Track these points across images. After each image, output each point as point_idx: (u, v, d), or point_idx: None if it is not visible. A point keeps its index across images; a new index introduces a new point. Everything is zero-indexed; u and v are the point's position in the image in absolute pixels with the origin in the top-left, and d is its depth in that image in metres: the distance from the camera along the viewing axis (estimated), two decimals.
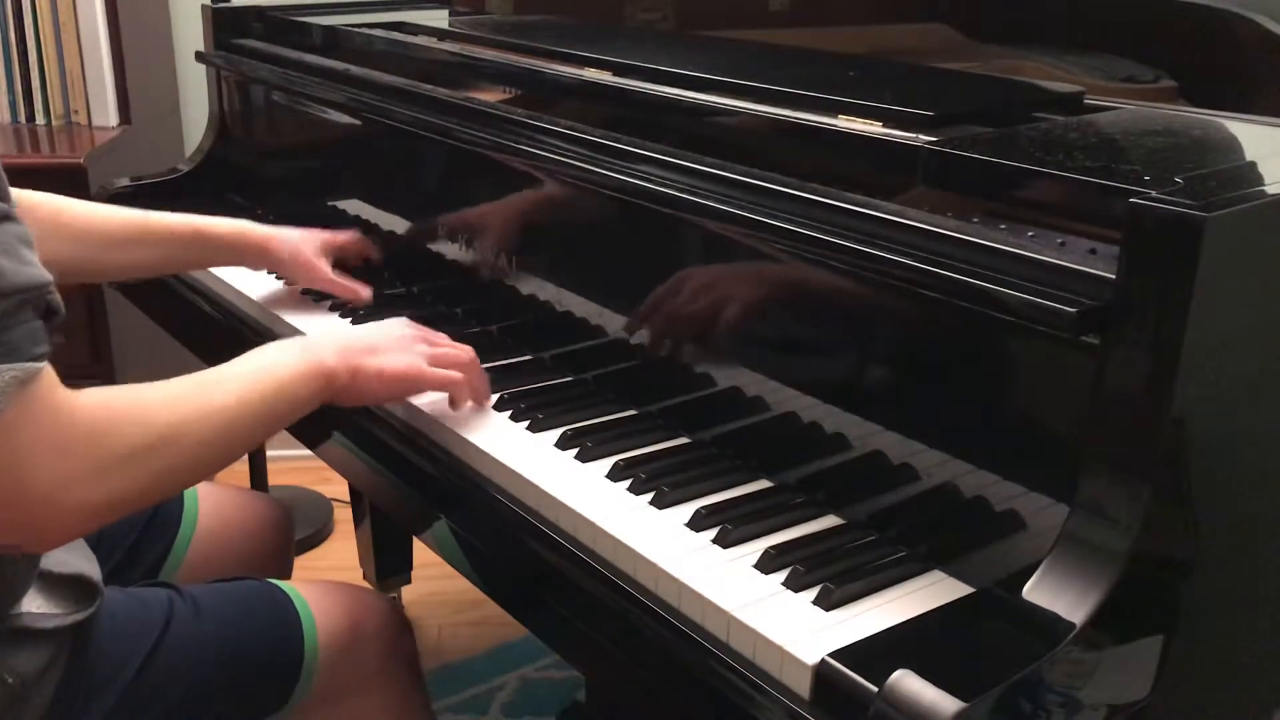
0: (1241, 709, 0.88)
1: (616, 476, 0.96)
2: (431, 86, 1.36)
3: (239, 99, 1.78)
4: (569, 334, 1.16)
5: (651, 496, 0.93)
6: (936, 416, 0.86)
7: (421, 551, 1.99)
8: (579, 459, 0.99)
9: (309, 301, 1.38)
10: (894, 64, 1.27)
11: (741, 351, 1.00)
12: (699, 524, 0.89)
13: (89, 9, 2.07)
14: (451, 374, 1.05)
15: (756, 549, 0.85)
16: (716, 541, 0.87)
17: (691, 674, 0.79)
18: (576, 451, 1.00)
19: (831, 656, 0.72)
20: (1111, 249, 0.72)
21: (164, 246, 1.31)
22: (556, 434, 1.03)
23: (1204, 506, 0.75)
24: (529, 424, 1.05)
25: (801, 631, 0.76)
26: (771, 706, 0.74)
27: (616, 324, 1.11)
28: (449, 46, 1.51)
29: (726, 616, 0.78)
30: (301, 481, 2.45)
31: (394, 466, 1.10)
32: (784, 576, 0.82)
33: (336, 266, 1.37)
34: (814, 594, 0.80)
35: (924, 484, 0.87)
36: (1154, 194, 0.69)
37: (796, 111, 1.02)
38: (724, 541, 0.87)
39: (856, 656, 0.72)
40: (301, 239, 1.35)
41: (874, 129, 0.95)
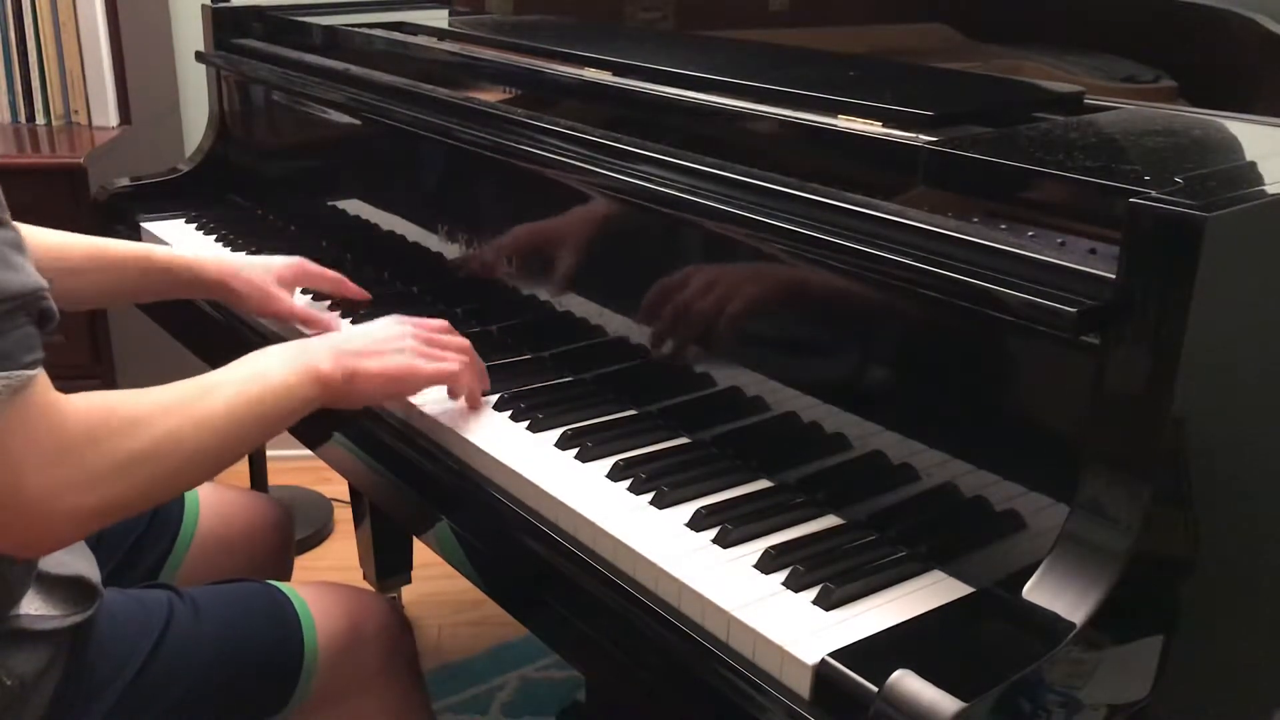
0: (1241, 709, 0.88)
1: (617, 476, 0.96)
2: (431, 86, 1.36)
3: (239, 99, 1.78)
4: (569, 334, 1.16)
5: (651, 496, 0.93)
6: (936, 416, 0.86)
7: (421, 551, 1.98)
8: (579, 459, 0.99)
9: (309, 302, 1.38)
10: (894, 64, 1.27)
11: (741, 351, 1.00)
12: (699, 524, 0.89)
13: (89, 9, 2.07)
14: (446, 366, 1.05)
15: (756, 549, 0.85)
16: (716, 541, 0.87)
17: (691, 674, 0.79)
18: (577, 451, 1.00)
19: (831, 656, 0.72)
20: (1111, 249, 0.72)
21: (115, 272, 1.25)
22: (556, 434, 1.03)
23: (1204, 506, 0.75)
24: (529, 424, 1.05)
25: (801, 631, 0.76)
26: (771, 706, 0.74)
27: (616, 324, 1.11)
28: (449, 46, 1.51)
29: (726, 616, 0.78)
30: (301, 481, 2.45)
31: (394, 466, 1.10)
32: (784, 576, 0.82)
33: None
34: (814, 594, 0.80)
35: (924, 484, 0.87)
36: (1154, 194, 0.69)
37: (797, 111, 1.02)
38: (724, 541, 0.87)
39: (856, 656, 0.72)
40: (266, 270, 1.30)
41: (874, 129, 0.95)
